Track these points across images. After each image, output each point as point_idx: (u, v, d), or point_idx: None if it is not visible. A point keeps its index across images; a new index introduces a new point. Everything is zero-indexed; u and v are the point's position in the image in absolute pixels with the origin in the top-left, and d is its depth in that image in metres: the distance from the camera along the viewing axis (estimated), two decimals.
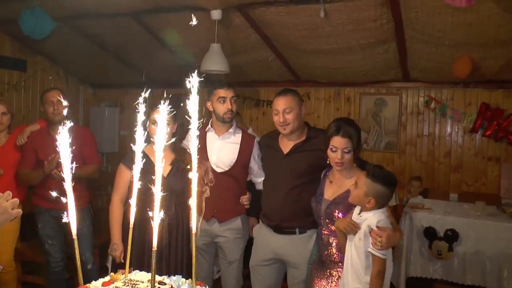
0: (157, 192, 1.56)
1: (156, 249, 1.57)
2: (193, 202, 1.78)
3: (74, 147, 1.74)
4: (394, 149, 5.29)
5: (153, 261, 1.57)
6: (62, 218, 1.67)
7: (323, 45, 4.38)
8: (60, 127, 1.64)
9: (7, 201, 1.57)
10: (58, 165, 2.85)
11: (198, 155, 2.95)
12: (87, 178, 3.47)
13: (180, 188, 2.69)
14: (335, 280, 2.38)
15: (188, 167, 2.69)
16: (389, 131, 5.30)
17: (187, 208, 2.90)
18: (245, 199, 2.94)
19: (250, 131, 4.47)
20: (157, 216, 1.56)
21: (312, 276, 2.56)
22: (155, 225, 1.56)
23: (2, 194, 1.57)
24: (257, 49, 4.83)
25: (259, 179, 2.98)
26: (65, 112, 3.30)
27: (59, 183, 3.21)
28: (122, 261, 2.74)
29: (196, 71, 1.67)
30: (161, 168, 1.59)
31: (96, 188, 4.68)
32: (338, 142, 2.34)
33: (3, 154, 3.39)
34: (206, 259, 3.00)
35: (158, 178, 1.57)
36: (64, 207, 1.66)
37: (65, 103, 3.37)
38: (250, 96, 5.85)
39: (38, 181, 3.29)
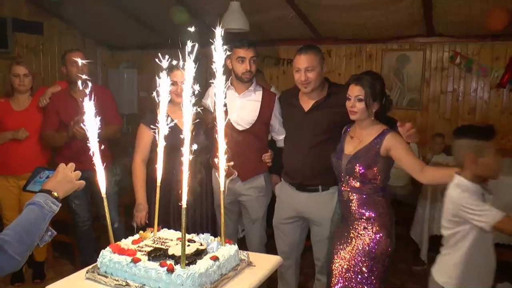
0: (186, 151, 1.54)
1: (186, 206, 1.58)
2: (221, 160, 1.77)
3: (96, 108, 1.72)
4: (416, 106, 5.17)
5: (183, 218, 1.57)
6: (87, 178, 1.69)
7: (345, 0, 4.24)
8: (82, 87, 1.64)
9: (72, 172, 1.64)
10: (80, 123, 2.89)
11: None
12: (109, 138, 3.48)
13: (203, 147, 2.68)
14: (356, 237, 2.39)
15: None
16: (412, 88, 5.17)
17: (210, 167, 2.92)
18: (267, 157, 2.93)
19: (272, 89, 4.42)
20: (186, 175, 1.56)
21: (334, 234, 2.57)
22: (184, 183, 1.56)
23: (64, 165, 1.64)
24: (277, 6, 4.69)
25: (280, 137, 2.95)
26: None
27: (82, 143, 3.27)
28: (147, 221, 2.78)
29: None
30: (189, 128, 1.57)
31: (117, 149, 4.72)
32: (351, 90, 2.37)
33: (28, 117, 3.42)
34: (230, 218, 3.03)
35: (186, 138, 1.55)
36: (88, 167, 1.68)
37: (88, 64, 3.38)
38: (269, 55, 5.75)
39: (62, 143, 3.32)
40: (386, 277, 2.38)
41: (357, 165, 2.34)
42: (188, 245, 1.76)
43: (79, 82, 1.79)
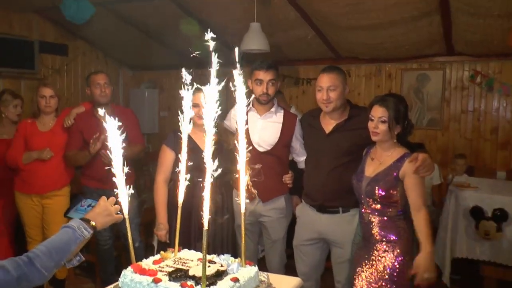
0: (208, 173, 1.57)
1: (207, 228, 1.59)
2: (242, 182, 1.79)
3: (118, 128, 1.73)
4: (437, 126, 5.14)
5: (204, 239, 1.59)
6: (109, 198, 1.71)
7: (364, 20, 4.27)
8: (104, 109, 1.70)
9: (112, 206, 1.75)
10: (104, 146, 2.95)
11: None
12: (132, 158, 3.53)
13: (224, 169, 2.70)
14: (377, 260, 2.36)
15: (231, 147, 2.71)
16: (432, 107, 5.15)
17: (231, 189, 2.94)
18: (288, 178, 2.93)
19: (293, 110, 4.44)
20: (207, 196, 1.58)
21: (356, 256, 2.55)
22: (206, 205, 1.58)
23: (106, 198, 1.76)
24: (296, 27, 4.76)
25: (301, 158, 2.96)
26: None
27: (106, 163, 3.31)
28: (168, 241, 2.80)
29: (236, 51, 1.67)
30: (210, 149, 1.60)
31: (138, 168, 4.78)
32: (374, 110, 2.36)
33: (52, 137, 3.50)
34: (250, 238, 3.02)
35: (208, 158, 1.58)
36: (111, 187, 1.71)
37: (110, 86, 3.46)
38: (289, 74, 5.80)
39: (85, 162, 3.37)
40: None
41: (377, 187, 2.33)
42: (209, 266, 1.76)
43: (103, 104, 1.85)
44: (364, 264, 2.41)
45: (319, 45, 5.15)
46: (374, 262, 2.36)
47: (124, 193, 1.80)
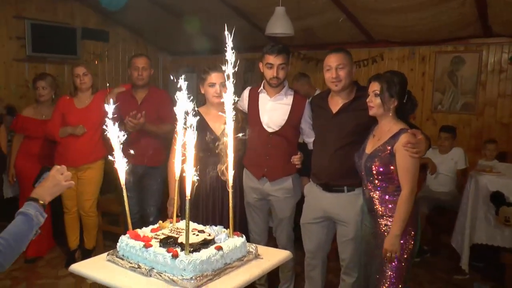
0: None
1: (190, 198, 1.72)
2: (229, 157, 1.90)
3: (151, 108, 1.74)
4: (471, 110, 4.98)
5: (187, 209, 1.72)
6: (140, 173, 1.83)
7: (393, 2, 4.20)
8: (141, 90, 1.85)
9: (62, 174, 1.78)
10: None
11: (251, 115, 3.08)
12: (162, 136, 3.66)
13: (234, 146, 2.81)
14: (382, 235, 2.39)
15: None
16: (466, 91, 4.99)
17: (240, 166, 3.05)
18: (296, 159, 2.98)
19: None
20: (190, 170, 1.71)
21: (363, 233, 2.61)
22: (188, 178, 1.71)
23: (58, 167, 1.80)
24: (326, 10, 4.74)
25: (310, 139, 3.00)
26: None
27: (137, 139, 3.51)
28: (179, 214, 2.96)
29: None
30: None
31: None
32: (370, 86, 2.44)
33: (87, 114, 3.74)
34: (259, 216, 3.12)
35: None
36: (141, 162, 1.82)
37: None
38: (323, 58, 5.76)
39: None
40: (406, 276, 2.37)
41: (374, 163, 2.37)
42: (197, 235, 1.90)
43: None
44: (371, 240, 2.49)
45: (351, 28, 5.10)
46: (379, 239, 2.40)
47: (120, 162, 1.97)
